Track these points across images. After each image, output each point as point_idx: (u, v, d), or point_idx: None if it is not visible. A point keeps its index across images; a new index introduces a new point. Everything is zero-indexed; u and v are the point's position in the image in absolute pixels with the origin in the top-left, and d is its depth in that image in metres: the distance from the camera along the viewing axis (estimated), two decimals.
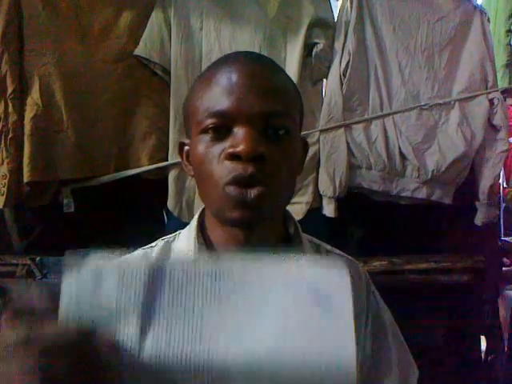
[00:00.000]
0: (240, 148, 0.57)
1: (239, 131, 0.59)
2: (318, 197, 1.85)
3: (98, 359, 0.37)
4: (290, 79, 0.70)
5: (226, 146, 0.59)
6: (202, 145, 0.62)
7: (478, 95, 2.00)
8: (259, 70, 0.64)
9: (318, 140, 1.86)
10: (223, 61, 0.67)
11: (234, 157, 0.58)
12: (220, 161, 0.60)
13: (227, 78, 0.61)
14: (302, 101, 0.70)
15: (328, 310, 0.40)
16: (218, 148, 0.60)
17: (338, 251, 0.77)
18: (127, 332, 0.38)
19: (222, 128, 0.60)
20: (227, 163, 0.59)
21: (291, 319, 0.40)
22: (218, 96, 0.61)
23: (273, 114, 0.61)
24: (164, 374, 0.38)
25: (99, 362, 0.37)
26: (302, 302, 0.40)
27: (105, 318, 0.38)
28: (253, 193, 0.58)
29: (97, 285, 0.39)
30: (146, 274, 0.40)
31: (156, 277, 0.40)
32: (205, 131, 0.61)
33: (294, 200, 0.81)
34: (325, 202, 1.85)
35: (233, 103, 0.60)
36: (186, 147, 0.69)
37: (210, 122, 0.61)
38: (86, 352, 0.37)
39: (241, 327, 0.39)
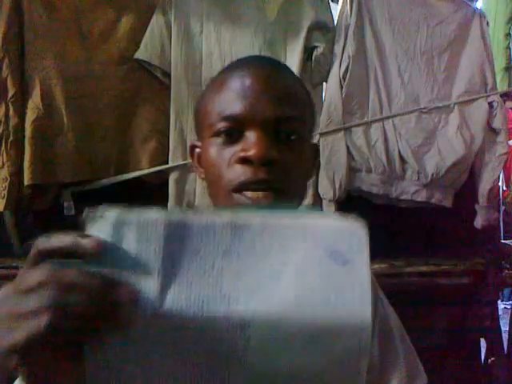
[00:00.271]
0: (251, 152, 0.57)
1: (251, 135, 0.59)
2: (318, 200, 1.86)
3: (118, 304, 0.37)
4: (303, 84, 0.70)
5: (237, 149, 0.59)
6: (214, 148, 0.61)
7: (477, 98, 2.00)
8: (272, 75, 0.64)
9: (318, 143, 1.86)
10: (236, 64, 0.67)
11: (245, 161, 0.58)
12: (231, 164, 0.60)
13: (240, 82, 0.61)
14: (314, 106, 0.70)
15: (346, 266, 0.40)
16: (229, 152, 0.60)
17: None
18: (147, 286, 0.38)
19: (233, 132, 0.60)
20: (238, 167, 0.59)
21: (310, 275, 0.40)
22: (231, 100, 0.61)
23: (285, 118, 0.60)
24: (184, 328, 0.38)
25: (119, 307, 0.37)
26: (321, 257, 0.40)
27: (124, 272, 0.38)
28: (263, 197, 0.58)
29: (116, 238, 0.38)
30: (165, 228, 0.39)
31: (176, 231, 0.39)
32: (217, 134, 0.61)
33: None
34: (325, 204, 1.85)
35: (245, 107, 0.59)
36: (198, 149, 0.69)
37: (222, 125, 0.61)
38: (107, 295, 0.37)
39: (261, 283, 0.39)
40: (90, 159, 1.69)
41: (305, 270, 0.40)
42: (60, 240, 0.38)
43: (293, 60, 1.83)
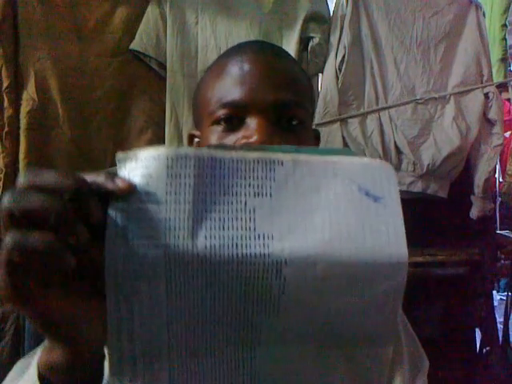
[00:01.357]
0: (253, 139, 0.56)
1: (252, 122, 0.58)
2: None
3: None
4: (302, 69, 0.69)
5: (238, 136, 0.58)
6: (214, 136, 0.60)
7: (473, 89, 2.01)
8: (272, 60, 0.62)
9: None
10: (235, 50, 0.66)
11: None
12: None
13: (239, 68, 0.60)
14: (313, 92, 0.69)
15: (378, 203, 0.39)
16: (230, 139, 0.59)
17: None
18: (177, 225, 0.36)
19: (234, 119, 0.59)
20: None
21: (344, 213, 0.38)
22: (231, 86, 0.59)
23: (286, 104, 0.59)
24: (217, 269, 0.36)
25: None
26: (353, 194, 0.39)
27: (155, 208, 0.36)
28: None
29: (148, 176, 0.36)
30: (196, 165, 0.37)
31: (206, 168, 0.37)
32: (217, 122, 0.60)
33: None
34: None
35: (246, 93, 0.58)
36: (196, 139, 0.68)
37: (222, 112, 0.59)
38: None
39: (294, 222, 0.38)
40: (85, 151, 1.68)
41: (338, 207, 0.39)
42: (91, 176, 0.36)
43: (289, 51, 1.81)
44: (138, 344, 0.36)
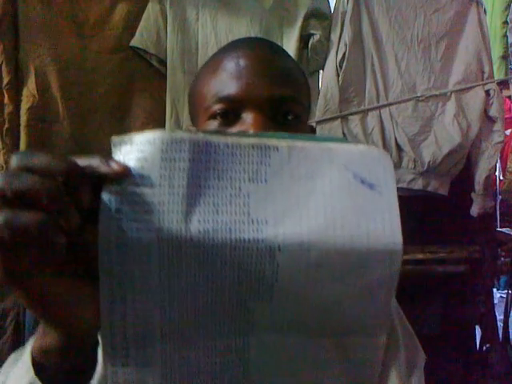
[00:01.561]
0: None
1: (248, 116, 0.58)
2: None
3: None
4: (298, 65, 0.69)
5: (234, 131, 0.58)
6: None
7: (474, 86, 2.00)
8: (268, 55, 0.63)
9: (315, 131, 1.86)
10: (230, 46, 0.66)
11: None
12: None
13: (235, 63, 0.60)
14: (309, 88, 0.69)
15: (374, 190, 0.39)
16: None
17: None
18: (171, 209, 0.35)
19: (230, 113, 0.59)
20: None
21: (339, 199, 0.38)
22: (226, 81, 0.60)
23: (282, 98, 0.59)
24: (210, 254, 0.36)
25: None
26: (349, 181, 0.39)
27: (149, 191, 0.36)
28: None
29: (142, 159, 0.36)
30: (190, 148, 0.37)
31: (201, 151, 0.37)
32: (213, 117, 0.60)
33: None
34: None
35: (242, 88, 0.58)
36: None
37: (218, 107, 0.59)
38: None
39: (289, 208, 0.37)
40: (86, 147, 1.68)
41: (333, 194, 0.38)
42: (85, 160, 0.36)
43: (289, 48, 1.82)
44: (131, 328, 0.36)
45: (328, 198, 0.38)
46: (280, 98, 0.59)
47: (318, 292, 0.38)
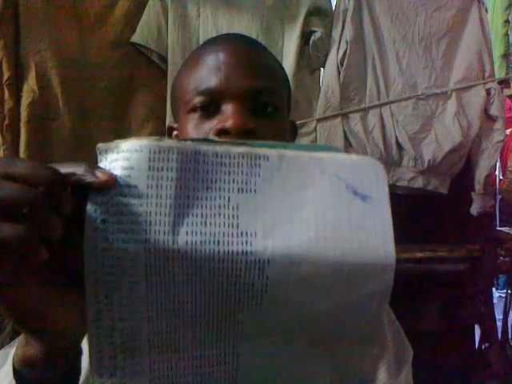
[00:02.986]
0: (229, 123, 0.56)
1: (227, 108, 0.59)
2: None
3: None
4: (277, 60, 0.70)
5: (214, 123, 0.59)
6: (191, 124, 0.61)
7: (475, 85, 2.00)
8: (246, 49, 0.64)
9: (315, 129, 1.86)
10: (210, 42, 0.67)
11: (222, 132, 0.57)
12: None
13: (214, 57, 0.61)
14: (289, 83, 0.70)
15: (366, 201, 0.38)
16: (206, 126, 0.59)
17: None
18: (158, 220, 0.35)
19: (210, 106, 0.60)
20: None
21: (330, 210, 0.37)
22: (206, 74, 0.61)
23: (260, 90, 0.60)
24: (198, 266, 0.35)
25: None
26: (341, 192, 0.38)
27: (135, 202, 0.35)
28: None
29: (128, 167, 0.35)
30: (179, 158, 0.36)
31: (190, 161, 0.36)
32: (193, 110, 0.61)
33: None
34: None
35: (220, 80, 0.59)
36: (175, 132, 0.69)
37: (198, 100, 0.60)
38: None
39: (279, 219, 0.37)
40: (86, 143, 1.68)
41: (325, 205, 0.38)
42: (71, 166, 0.35)
43: (290, 45, 1.82)
44: (118, 339, 0.36)
45: (319, 210, 0.38)
46: (259, 90, 0.60)
47: (308, 303, 0.37)
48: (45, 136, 1.62)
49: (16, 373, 0.39)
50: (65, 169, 0.34)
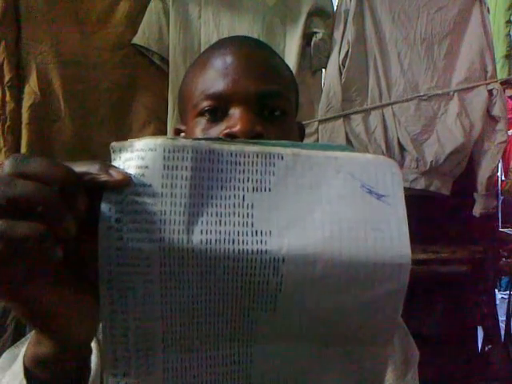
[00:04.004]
0: (237, 128, 0.56)
1: (235, 112, 0.58)
2: None
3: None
4: (285, 62, 0.70)
5: (222, 128, 0.59)
6: (199, 128, 0.61)
7: (477, 86, 1.99)
8: (254, 52, 0.64)
9: (317, 130, 1.86)
10: (217, 45, 0.67)
11: (230, 137, 0.57)
12: None
13: (222, 60, 0.61)
14: (297, 85, 0.70)
15: (382, 200, 0.38)
16: (214, 130, 0.59)
17: None
18: (173, 219, 0.35)
19: (218, 110, 0.60)
20: None
21: (346, 209, 0.37)
22: (214, 78, 0.60)
23: (268, 94, 0.60)
24: (213, 265, 0.35)
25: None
26: (356, 191, 0.38)
27: (150, 201, 0.35)
28: None
29: (143, 167, 0.35)
30: (193, 156, 0.36)
31: (204, 160, 0.36)
32: (201, 114, 0.61)
33: None
34: None
35: (228, 84, 0.59)
36: (182, 134, 0.69)
37: (205, 104, 0.60)
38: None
39: (294, 218, 0.37)
40: (88, 145, 1.68)
41: (340, 204, 0.37)
42: (85, 165, 0.35)
43: (292, 46, 1.82)
44: (132, 338, 0.36)
45: (334, 208, 0.37)
46: (266, 94, 0.60)
47: (322, 303, 0.37)
48: (46, 137, 1.62)
49: (27, 372, 0.39)
50: (79, 167, 0.34)
